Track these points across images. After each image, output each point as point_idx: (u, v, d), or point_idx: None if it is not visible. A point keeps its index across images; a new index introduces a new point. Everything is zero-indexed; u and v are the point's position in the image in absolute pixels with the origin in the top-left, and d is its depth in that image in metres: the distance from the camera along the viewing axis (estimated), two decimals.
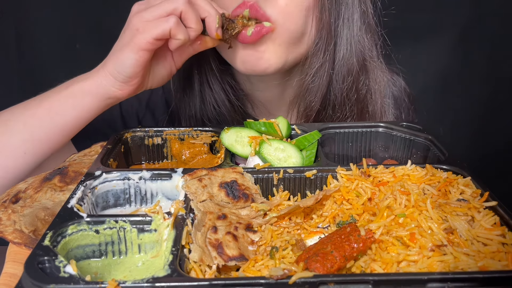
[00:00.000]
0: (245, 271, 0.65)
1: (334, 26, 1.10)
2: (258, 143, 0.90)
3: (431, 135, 0.96)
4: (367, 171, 0.83)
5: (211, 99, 1.25)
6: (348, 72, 1.13)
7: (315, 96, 1.15)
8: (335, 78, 1.13)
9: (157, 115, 1.36)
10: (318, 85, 1.14)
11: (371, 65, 1.17)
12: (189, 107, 1.27)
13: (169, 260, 0.62)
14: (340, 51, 1.11)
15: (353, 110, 1.18)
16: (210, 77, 1.24)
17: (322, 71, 1.12)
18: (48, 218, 0.80)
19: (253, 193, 0.80)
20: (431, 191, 0.76)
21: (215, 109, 1.25)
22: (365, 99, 1.19)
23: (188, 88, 1.27)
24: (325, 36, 1.10)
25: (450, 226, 0.68)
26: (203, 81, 1.25)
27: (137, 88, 1.02)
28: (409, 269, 0.63)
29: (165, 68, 1.07)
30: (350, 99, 1.16)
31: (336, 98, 1.16)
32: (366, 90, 1.17)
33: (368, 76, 1.17)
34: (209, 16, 0.98)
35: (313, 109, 1.17)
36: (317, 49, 1.11)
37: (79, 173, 0.89)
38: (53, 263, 0.61)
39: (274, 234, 0.73)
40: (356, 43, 1.12)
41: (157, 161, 1.03)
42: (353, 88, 1.15)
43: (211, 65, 1.23)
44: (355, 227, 0.68)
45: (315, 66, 1.12)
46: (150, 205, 0.85)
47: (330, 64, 1.12)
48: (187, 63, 1.20)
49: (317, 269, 0.60)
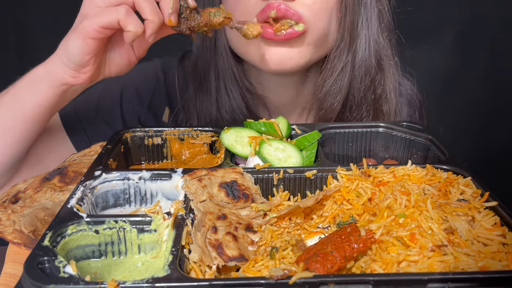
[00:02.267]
0: (245, 272, 0.64)
1: (355, 27, 1.09)
2: (258, 143, 0.90)
3: (431, 135, 0.96)
4: (367, 171, 0.82)
5: (227, 105, 1.20)
6: (366, 72, 1.13)
7: (336, 98, 1.14)
8: (355, 79, 1.13)
9: (160, 115, 1.32)
10: (339, 87, 1.13)
11: (386, 64, 1.17)
12: (202, 110, 1.22)
13: (169, 260, 0.62)
14: (359, 52, 1.11)
15: (369, 110, 1.17)
16: (229, 83, 1.19)
17: (343, 73, 1.12)
18: (47, 218, 0.80)
19: (253, 193, 0.80)
20: (431, 191, 0.76)
21: (230, 117, 1.20)
22: (381, 99, 1.18)
23: (201, 92, 1.22)
24: (347, 37, 1.10)
25: (451, 226, 0.68)
26: (220, 87, 1.20)
27: (92, 76, 0.98)
28: (410, 270, 0.62)
29: (122, 57, 1.02)
30: (367, 99, 1.16)
31: (354, 98, 1.15)
32: (381, 89, 1.17)
33: (384, 75, 1.17)
34: (162, 0, 0.91)
35: (334, 111, 1.15)
36: (339, 51, 1.11)
37: (79, 173, 0.89)
38: (52, 263, 0.61)
39: (274, 234, 0.73)
40: (373, 42, 1.12)
41: (157, 161, 1.03)
42: (371, 88, 1.15)
43: (231, 71, 1.18)
44: (355, 228, 0.68)
45: (338, 68, 1.12)
46: (150, 205, 0.85)
47: (351, 65, 1.12)
48: (201, 65, 1.18)
49: (317, 270, 0.60)
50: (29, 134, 1.04)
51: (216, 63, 1.18)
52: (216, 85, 1.19)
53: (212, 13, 0.94)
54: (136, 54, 1.02)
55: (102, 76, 1.04)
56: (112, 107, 1.28)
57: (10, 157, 1.04)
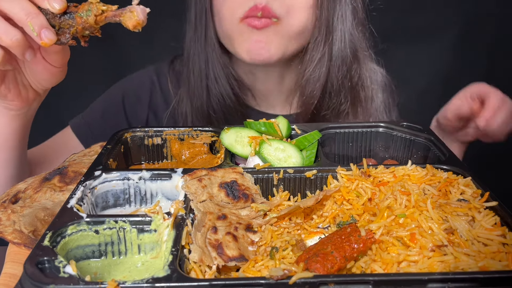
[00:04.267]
0: (245, 272, 0.64)
1: (331, 22, 1.23)
2: (258, 143, 0.90)
3: (432, 135, 0.96)
4: (367, 171, 0.82)
5: (217, 92, 1.30)
6: (343, 62, 1.27)
7: (315, 85, 1.27)
8: (332, 68, 1.26)
9: (159, 114, 1.42)
10: (318, 75, 1.26)
11: (361, 54, 1.31)
12: (195, 101, 1.32)
13: (169, 260, 0.62)
14: (335, 44, 1.25)
15: (347, 96, 1.31)
16: (216, 70, 1.30)
17: (321, 63, 1.25)
18: (47, 218, 0.79)
19: (253, 193, 0.80)
20: (431, 191, 0.76)
21: (220, 102, 1.31)
22: (357, 86, 1.33)
23: (192, 82, 1.31)
24: (324, 31, 1.23)
25: (451, 226, 0.68)
26: (210, 75, 1.30)
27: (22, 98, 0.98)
28: (410, 270, 0.62)
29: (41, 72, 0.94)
30: (345, 86, 1.30)
31: (332, 86, 1.28)
32: (357, 77, 1.32)
33: (359, 65, 1.32)
34: (19, 21, 0.81)
35: (314, 97, 1.28)
36: (316, 43, 1.24)
37: (79, 173, 0.89)
38: (52, 263, 0.61)
39: (274, 234, 0.73)
40: (349, 36, 1.26)
41: (157, 161, 1.03)
42: (347, 76, 1.29)
43: (218, 60, 1.29)
44: (356, 228, 0.68)
45: (315, 58, 1.25)
46: (150, 205, 0.85)
47: (328, 56, 1.25)
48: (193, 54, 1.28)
49: (317, 270, 0.60)
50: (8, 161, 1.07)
51: (206, 53, 1.29)
52: (206, 72, 1.30)
53: (83, 13, 0.82)
54: (52, 64, 0.93)
55: (37, 93, 1.00)
56: (116, 113, 1.40)
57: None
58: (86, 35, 0.85)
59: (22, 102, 0.99)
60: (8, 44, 0.81)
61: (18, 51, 0.83)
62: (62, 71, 0.97)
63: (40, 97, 1.03)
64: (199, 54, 1.29)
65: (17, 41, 0.81)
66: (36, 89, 1.00)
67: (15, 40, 0.81)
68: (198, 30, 1.29)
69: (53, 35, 0.81)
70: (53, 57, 0.92)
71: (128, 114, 1.41)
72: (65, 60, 0.94)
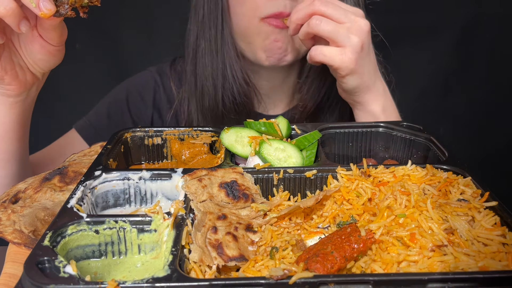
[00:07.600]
0: (245, 272, 0.64)
1: None
2: (258, 143, 0.90)
3: (432, 135, 0.96)
4: (367, 171, 0.82)
5: (232, 90, 1.31)
6: None
7: (318, 84, 1.32)
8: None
9: (163, 113, 1.45)
10: (320, 73, 1.30)
11: None
12: (202, 100, 1.32)
13: (169, 260, 0.62)
14: None
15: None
16: (234, 69, 1.31)
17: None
18: (47, 218, 0.80)
19: (253, 193, 0.80)
20: (431, 191, 0.76)
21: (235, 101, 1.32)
22: None
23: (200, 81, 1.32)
24: None
25: (451, 226, 0.68)
26: (226, 74, 1.31)
27: (20, 81, 0.97)
28: (410, 270, 0.62)
29: (39, 51, 0.94)
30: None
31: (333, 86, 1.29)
32: None
33: None
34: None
35: (316, 96, 1.33)
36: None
37: (79, 173, 0.89)
38: (52, 263, 0.61)
39: (274, 234, 0.73)
40: None
41: (157, 161, 1.03)
42: None
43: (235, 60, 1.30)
44: (356, 228, 0.68)
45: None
46: (150, 205, 0.85)
47: None
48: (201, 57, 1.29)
49: (317, 270, 0.60)
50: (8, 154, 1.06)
51: (223, 52, 1.29)
52: (222, 72, 1.30)
53: None
54: (51, 42, 0.93)
55: (35, 77, 1.00)
56: (121, 113, 1.42)
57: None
58: (85, 5, 0.84)
59: (20, 86, 0.98)
60: (2, 13, 0.80)
61: (12, 21, 0.81)
62: (60, 50, 0.96)
63: (38, 82, 1.02)
64: (211, 53, 1.29)
65: (11, 10, 0.80)
66: (34, 71, 0.99)
67: (9, 8, 0.80)
68: (211, 28, 1.28)
69: (52, 5, 0.80)
70: (50, 34, 0.91)
71: (133, 114, 1.43)
72: (62, 38, 0.94)
